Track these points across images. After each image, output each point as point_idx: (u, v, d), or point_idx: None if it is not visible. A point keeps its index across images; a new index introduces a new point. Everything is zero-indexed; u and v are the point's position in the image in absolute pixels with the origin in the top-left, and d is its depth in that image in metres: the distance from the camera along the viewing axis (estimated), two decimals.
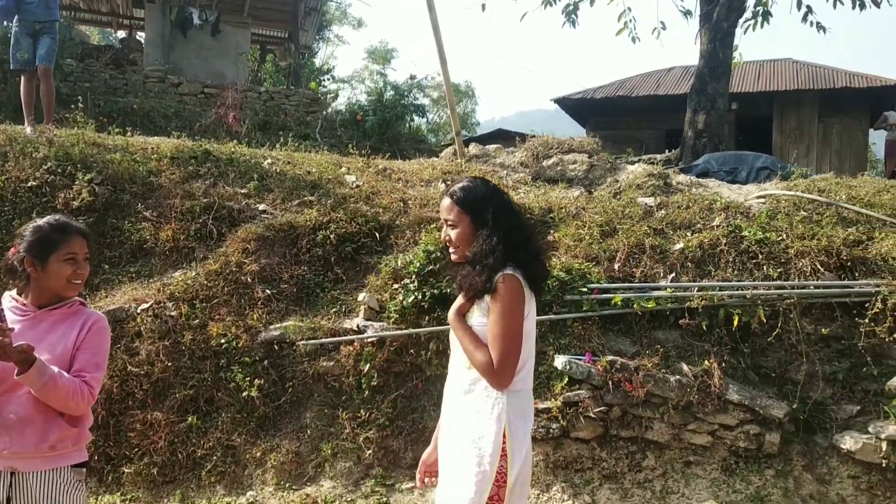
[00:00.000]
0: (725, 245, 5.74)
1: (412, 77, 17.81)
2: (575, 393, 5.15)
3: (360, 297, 5.85)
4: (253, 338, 5.64)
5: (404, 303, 5.63)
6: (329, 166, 7.92)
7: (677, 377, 5.18)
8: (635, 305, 5.41)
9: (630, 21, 15.89)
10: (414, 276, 5.69)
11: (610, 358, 5.22)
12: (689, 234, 6.04)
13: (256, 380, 5.38)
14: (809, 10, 14.55)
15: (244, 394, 5.35)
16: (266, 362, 5.53)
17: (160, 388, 5.41)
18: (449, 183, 3.06)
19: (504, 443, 2.61)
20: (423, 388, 5.50)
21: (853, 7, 14.44)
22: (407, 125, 15.64)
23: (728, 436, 5.19)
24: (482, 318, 2.69)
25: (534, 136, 8.51)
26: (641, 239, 5.89)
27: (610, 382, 5.13)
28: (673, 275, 5.63)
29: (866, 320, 5.26)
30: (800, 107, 19.25)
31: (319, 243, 6.33)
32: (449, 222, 2.81)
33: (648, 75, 22.13)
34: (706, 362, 5.21)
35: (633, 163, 8.17)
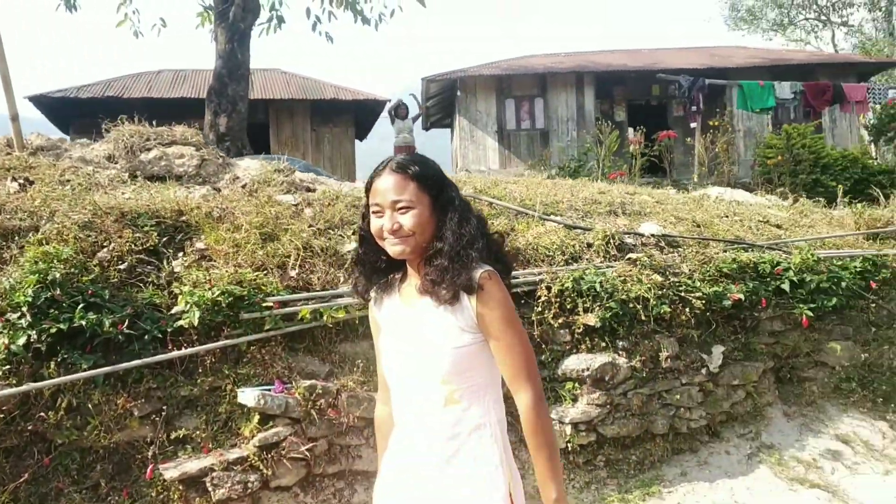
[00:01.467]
0: None
1: None
2: (273, 432, 4.18)
3: None
4: None
5: (13, 347, 3.94)
6: None
7: None
8: (325, 317, 4.62)
9: (133, 13, 14.77)
10: (24, 309, 4.03)
11: (307, 383, 4.36)
12: (350, 232, 5.44)
13: None
14: (318, 20, 15.20)
15: None
16: None
17: None
18: (396, 159, 2.17)
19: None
20: (55, 463, 3.93)
21: (355, 21, 15.50)
22: None
23: None
24: (471, 332, 2.13)
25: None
26: (309, 241, 5.11)
27: (313, 412, 4.28)
28: None
29: (538, 308, 5.31)
30: (293, 115, 20.11)
31: None
32: (401, 204, 2.13)
33: (139, 77, 20.73)
34: None
35: (241, 157, 7.25)
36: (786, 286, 6.21)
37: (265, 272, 4.76)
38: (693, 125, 15.77)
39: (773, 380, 6.33)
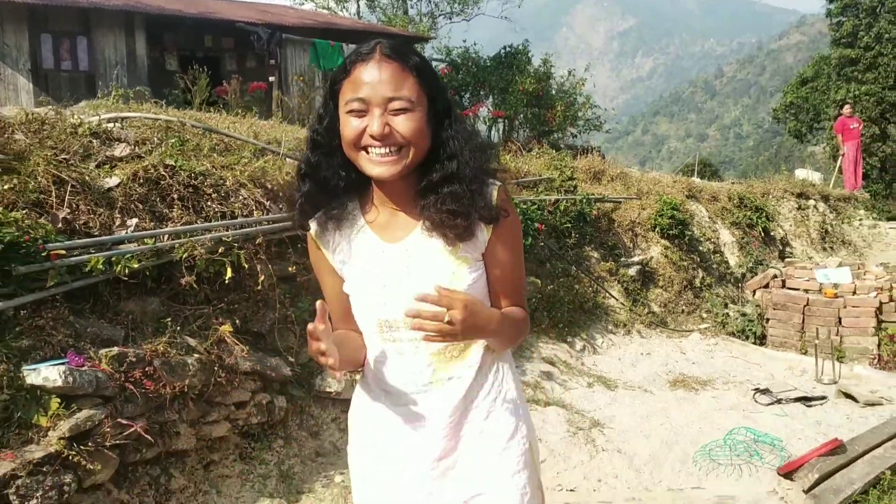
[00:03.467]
0: (169, 179, 4.39)
1: None
2: (86, 416, 3.21)
3: None
4: None
5: None
6: None
7: (197, 356, 3.81)
8: (118, 268, 3.66)
9: None
10: None
11: (114, 351, 3.44)
12: (93, 164, 4.34)
13: None
14: None
15: None
16: None
17: None
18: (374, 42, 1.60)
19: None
20: None
21: None
22: None
23: (241, 415, 4.14)
24: (477, 262, 1.76)
25: None
26: (61, 174, 3.94)
27: (130, 387, 3.40)
28: (136, 220, 4.00)
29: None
30: None
31: None
32: (397, 104, 1.61)
33: None
34: (216, 330, 3.98)
35: None
36: None
37: (21, 213, 3.57)
38: (272, 78, 15.48)
39: None
